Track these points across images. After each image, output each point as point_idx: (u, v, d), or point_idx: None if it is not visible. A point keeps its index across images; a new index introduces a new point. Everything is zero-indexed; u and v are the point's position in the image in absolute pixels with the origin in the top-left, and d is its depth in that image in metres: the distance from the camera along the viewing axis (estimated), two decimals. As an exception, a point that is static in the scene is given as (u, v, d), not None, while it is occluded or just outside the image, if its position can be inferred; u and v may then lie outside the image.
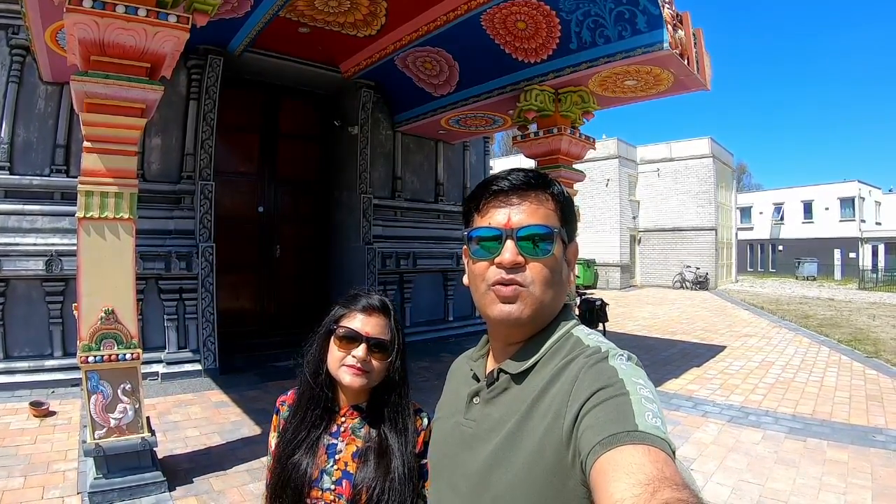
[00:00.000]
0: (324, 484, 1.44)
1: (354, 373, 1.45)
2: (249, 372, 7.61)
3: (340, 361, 1.46)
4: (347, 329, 1.47)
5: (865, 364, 8.95)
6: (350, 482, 1.44)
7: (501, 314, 1.02)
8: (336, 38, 7.80)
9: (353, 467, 1.46)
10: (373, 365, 1.47)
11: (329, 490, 1.44)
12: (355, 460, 1.47)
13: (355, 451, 1.49)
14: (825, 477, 4.50)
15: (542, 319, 1.05)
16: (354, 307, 1.51)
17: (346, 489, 1.43)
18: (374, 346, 1.47)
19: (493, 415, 1.04)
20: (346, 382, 1.46)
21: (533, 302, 1.01)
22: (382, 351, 1.49)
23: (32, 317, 6.55)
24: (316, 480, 1.44)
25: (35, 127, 6.81)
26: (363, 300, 1.52)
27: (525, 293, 1.01)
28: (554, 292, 1.04)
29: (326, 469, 1.46)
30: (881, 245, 37.97)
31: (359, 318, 1.49)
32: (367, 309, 1.50)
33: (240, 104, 8.77)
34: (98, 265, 3.81)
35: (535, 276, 1.01)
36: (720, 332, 12.63)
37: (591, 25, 6.28)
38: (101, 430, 3.82)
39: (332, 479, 1.45)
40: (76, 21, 3.42)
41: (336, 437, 1.51)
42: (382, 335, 1.49)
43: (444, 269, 10.97)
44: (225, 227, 8.15)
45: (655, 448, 0.76)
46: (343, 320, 1.49)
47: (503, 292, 1.01)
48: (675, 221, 28.93)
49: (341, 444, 1.50)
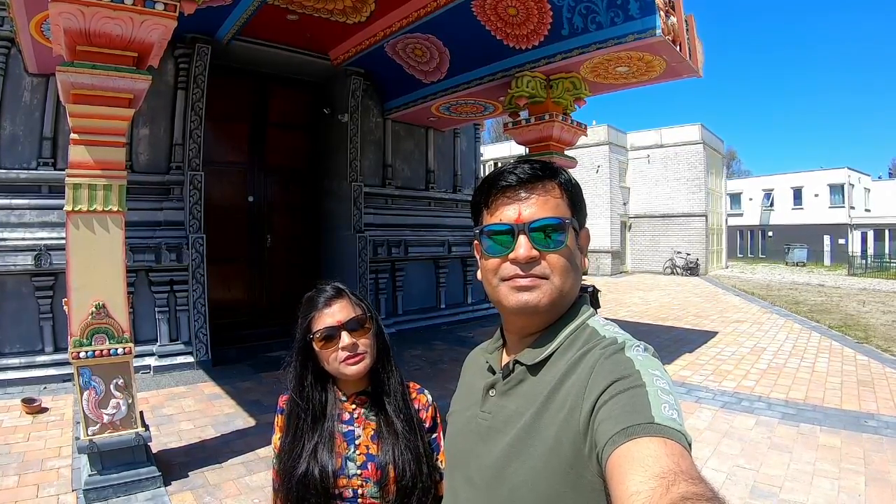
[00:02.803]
0: (349, 471, 1.47)
1: (353, 361, 1.48)
2: (242, 363, 7.59)
3: (335, 360, 1.49)
4: (322, 330, 1.49)
5: (856, 350, 9.02)
6: (375, 464, 1.47)
7: (519, 303, 1.01)
8: (325, 26, 7.70)
9: (374, 449, 1.50)
10: (362, 344, 1.50)
11: (356, 475, 1.47)
12: (375, 442, 1.50)
13: (373, 434, 1.52)
14: (819, 462, 4.54)
15: (559, 308, 1.05)
16: (316, 309, 1.53)
17: (373, 471, 1.47)
18: (352, 327, 1.49)
19: (509, 407, 1.03)
20: (353, 373, 1.49)
21: (552, 291, 1.01)
22: (362, 327, 1.51)
23: (22, 312, 6.48)
24: (340, 469, 1.46)
25: (21, 119, 6.70)
26: (319, 298, 1.55)
27: (544, 284, 1.01)
28: (571, 281, 1.04)
29: (349, 455, 1.49)
30: (870, 231, 38.25)
31: (325, 313, 1.51)
32: (327, 301, 1.52)
33: (228, 93, 8.66)
34: (88, 259, 3.77)
35: (552, 267, 1.01)
36: (711, 318, 12.69)
37: (583, 11, 6.23)
38: (94, 427, 3.79)
39: (357, 465, 1.48)
40: (61, 10, 3.35)
41: (351, 424, 1.54)
42: (352, 313, 1.51)
43: (436, 257, 10.97)
44: (215, 217, 8.07)
45: (671, 441, 0.75)
46: (314, 326, 1.51)
47: (521, 282, 1.01)
48: (665, 208, 29.01)
49: (358, 430, 1.53)
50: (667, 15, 5.82)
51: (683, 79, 7.22)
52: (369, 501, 1.45)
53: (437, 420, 1.63)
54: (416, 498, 1.47)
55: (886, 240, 36.82)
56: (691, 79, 7.22)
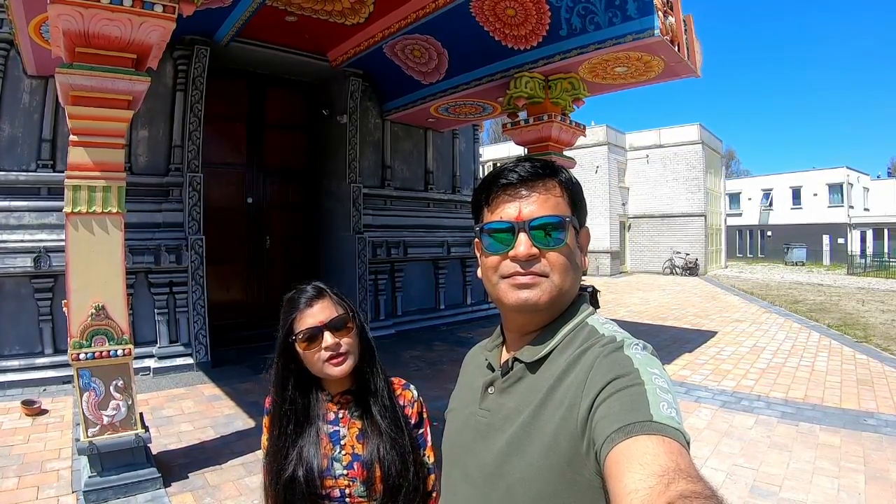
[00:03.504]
0: (335, 471, 1.46)
1: (336, 362, 1.46)
2: (241, 364, 7.58)
3: (317, 361, 1.46)
4: (304, 331, 1.46)
5: (855, 349, 9.02)
6: (362, 464, 1.46)
7: (518, 301, 1.01)
8: (323, 27, 7.70)
9: (360, 449, 1.48)
10: (344, 343, 1.48)
11: (342, 476, 1.46)
12: (360, 442, 1.49)
13: (358, 434, 1.51)
14: (818, 461, 4.54)
15: (558, 306, 1.05)
16: (297, 310, 1.50)
17: (359, 471, 1.46)
18: (334, 326, 1.47)
19: (507, 404, 1.04)
20: (337, 373, 1.46)
21: (551, 289, 1.01)
22: (343, 326, 1.49)
23: (21, 314, 6.48)
24: (327, 470, 1.45)
25: (20, 121, 6.71)
26: (300, 299, 1.52)
27: (544, 282, 1.01)
28: (571, 279, 1.04)
29: (335, 456, 1.48)
30: (869, 231, 38.28)
31: (306, 314, 1.48)
32: (309, 302, 1.50)
33: (227, 94, 8.68)
34: (87, 260, 3.76)
35: (552, 265, 1.01)
36: (711, 318, 12.69)
37: (582, 12, 6.23)
38: (94, 428, 3.78)
39: (343, 465, 1.47)
40: (60, 12, 3.35)
41: (336, 424, 1.52)
42: (334, 313, 1.49)
43: (435, 258, 10.97)
44: (214, 218, 8.09)
45: (670, 439, 0.75)
46: (296, 327, 1.49)
47: (521, 280, 1.01)
48: (664, 208, 29.01)
49: (343, 430, 1.51)
50: (665, 15, 5.83)
51: (682, 79, 7.22)
52: (357, 501, 1.45)
53: (423, 415, 1.63)
54: (404, 495, 1.47)
55: (885, 239, 36.85)
56: (690, 79, 7.23)
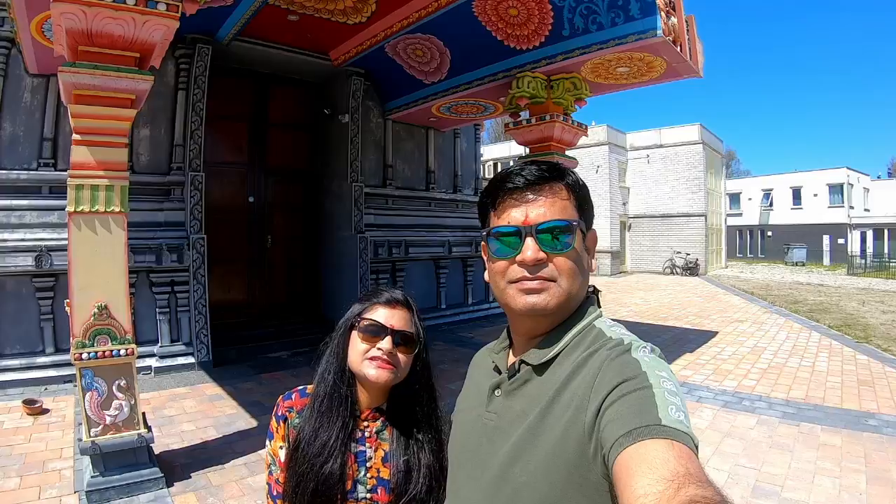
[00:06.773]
0: (358, 494, 1.39)
1: (380, 365, 1.38)
2: (243, 364, 7.59)
3: (364, 355, 1.40)
4: (371, 321, 1.41)
5: (856, 349, 9.03)
6: (385, 489, 1.40)
7: (526, 305, 1.01)
8: (326, 26, 7.71)
9: (385, 473, 1.42)
10: (399, 359, 1.41)
11: (365, 499, 1.39)
12: (386, 465, 1.42)
13: (384, 456, 1.44)
14: (820, 461, 4.55)
15: (566, 310, 1.04)
16: (377, 300, 1.45)
17: (382, 495, 1.40)
18: (400, 338, 1.40)
19: (514, 407, 1.03)
20: (372, 376, 1.38)
21: (560, 294, 1.01)
22: (408, 344, 1.42)
23: (23, 313, 6.47)
24: (350, 492, 1.38)
25: (21, 120, 6.70)
26: (386, 293, 1.47)
27: (552, 286, 1.00)
28: (579, 283, 1.04)
29: (359, 479, 1.40)
30: (869, 231, 38.22)
31: (382, 310, 1.43)
32: (391, 302, 1.45)
33: (229, 93, 8.68)
34: (90, 260, 3.76)
35: (560, 270, 1.01)
36: (712, 318, 12.69)
37: (584, 12, 6.23)
38: (96, 428, 3.78)
39: (367, 488, 1.40)
40: (63, 10, 3.35)
41: (363, 444, 1.44)
42: (407, 328, 1.43)
43: (436, 257, 10.97)
44: (215, 218, 8.08)
45: (679, 443, 0.75)
46: (366, 313, 1.43)
47: (529, 285, 1.01)
48: (664, 208, 29.01)
49: (370, 451, 1.44)
50: (667, 15, 5.83)
51: (684, 79, 7.21)
52: None
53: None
54: None
55: (885, 239, 36.78)
56: (691, 79, 7.22)
